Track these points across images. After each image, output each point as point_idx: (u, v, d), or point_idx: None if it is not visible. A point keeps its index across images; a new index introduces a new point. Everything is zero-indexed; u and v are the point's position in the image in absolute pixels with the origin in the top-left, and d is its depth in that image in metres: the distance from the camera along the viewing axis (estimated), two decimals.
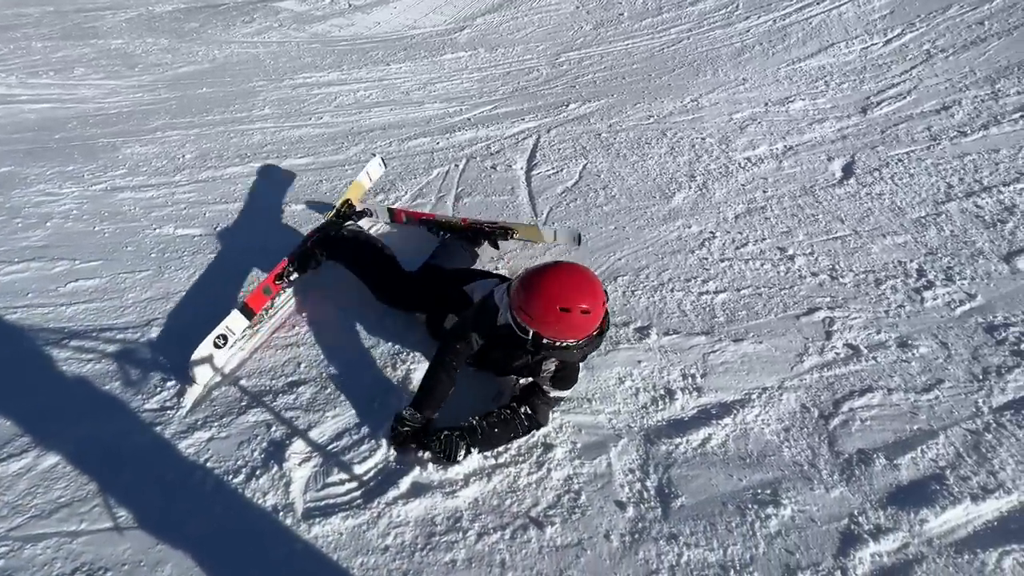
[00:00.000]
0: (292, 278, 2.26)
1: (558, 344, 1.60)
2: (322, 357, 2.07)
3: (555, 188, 3.21)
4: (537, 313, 1.57)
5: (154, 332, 2.18)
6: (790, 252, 2.58)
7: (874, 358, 2.00)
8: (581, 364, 1.85)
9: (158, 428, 1.77)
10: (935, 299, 2.26)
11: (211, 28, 6.85)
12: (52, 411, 1.83)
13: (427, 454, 1.66)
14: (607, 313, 1.81)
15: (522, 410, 1.73)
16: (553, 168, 3.42)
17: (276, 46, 6.24)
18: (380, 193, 3.21)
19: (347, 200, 2.63)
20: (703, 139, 3.65)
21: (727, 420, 1.79)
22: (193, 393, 1.89)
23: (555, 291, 1.56)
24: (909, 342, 2.06)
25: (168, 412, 1.82)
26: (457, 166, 3.48)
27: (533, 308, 1.57)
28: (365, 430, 1.77)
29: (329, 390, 1.92)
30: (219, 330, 1.96)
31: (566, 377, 1.78)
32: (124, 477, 1.62)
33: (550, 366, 1.75)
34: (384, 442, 1.72)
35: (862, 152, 3.37)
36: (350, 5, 7.56)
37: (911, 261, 2.48)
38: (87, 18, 7.32)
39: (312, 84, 5.01)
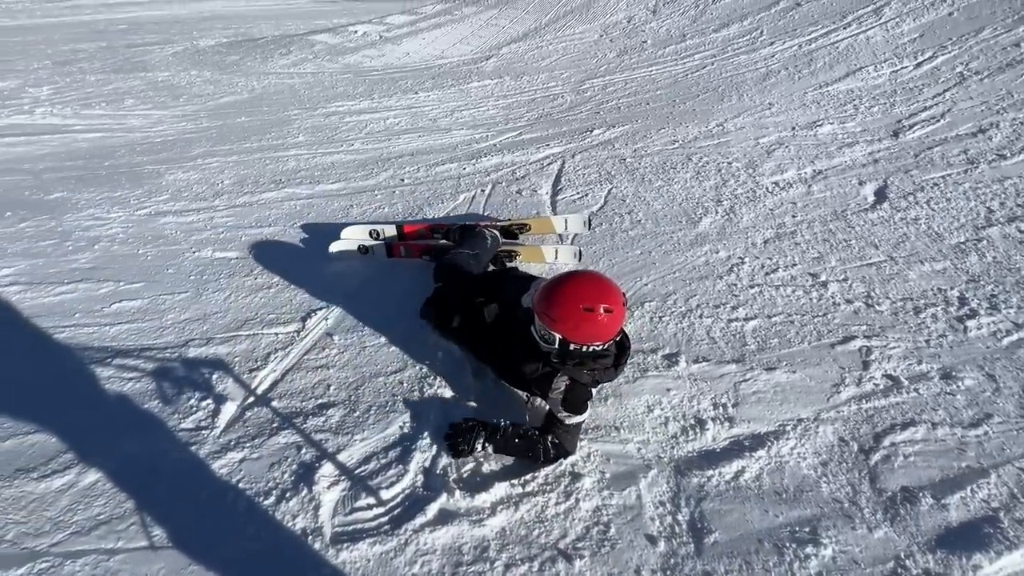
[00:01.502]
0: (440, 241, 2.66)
1: (584, 350, 1.65)
2: (351, 380, 2.10)
3: (580, 212, 3.23)
4: (561, 314, 1.63)
5: (191, 352, 2.24)
6: (823, 278, 2.53)
7: (916, 390, 1.93)
8: (595, 391, 1.81)
9: (193, 447, 1.81)
10: (979, 328, 2.17)
11: (251, 60, 7.22)
12: (95, 428, 1.89)
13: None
14: (627, 340, 1.86)
15: (548, 439, 1.72)
16: (578, 193, 3.45)
17: (311, 76, 6.53)
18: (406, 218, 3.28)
19: (525, 225, 2.72)
20: (729, 163, 3.64)
21: (761, 452, 1.73)
22: (228, 412, 1.94)
23: (578, 292, 1.65)
24: (953, 374, 1.98)
25: (203, 432, 1.87)
26: (483, 191, 3.54)
27: (557, 310, 1.64)
28: (392, 455, 1.78)
29: (358, 413, 1.95)
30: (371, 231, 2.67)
31: (575, 400, 1.71)
32: (160, 495, 1.65)
33: (560, 385, 1.72)
34: (411, 467, 1.72)
35: (895, 176, 3.30)
36: (381, 37, 7.88)
37: (952, 288, 2.40)
38: (137, 52, 7.81)
39: (344, 112, 5.20)
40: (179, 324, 2.42)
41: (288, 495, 1.64)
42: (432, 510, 1.58)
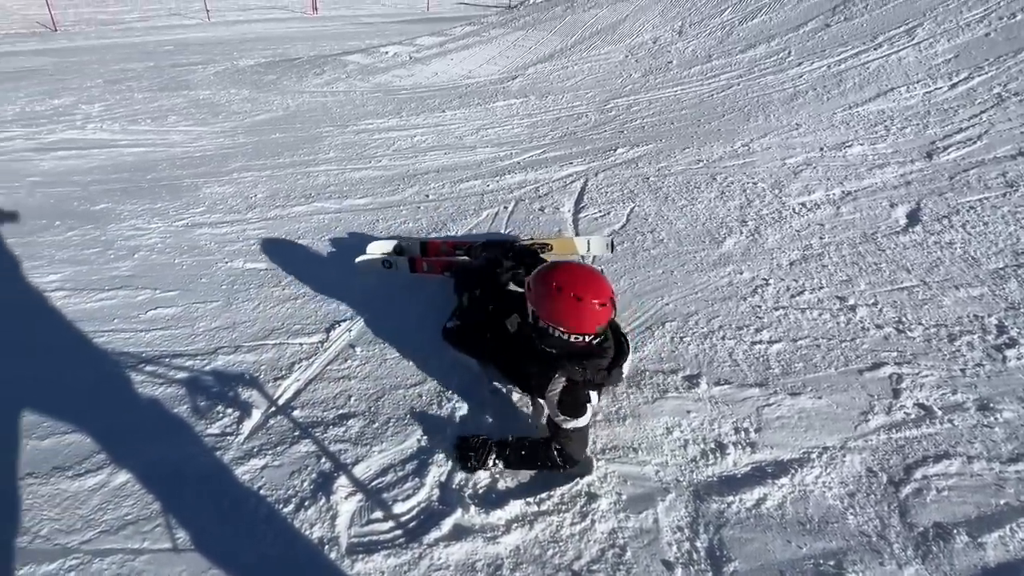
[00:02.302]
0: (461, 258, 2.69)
1: (568, 339, 1.70)
2: (371, 391, 2.13)
3: (602, 231, 3.24)
4: (544, 299, 1.72)
5: (219, 360, 2.32)
6: (851, 302, 2.47)
7: (950, 421, 1.85)
8: (595, 396, 1.77)
9: (218, 453, 1.86)
10: (1020, 359, 2.09)
11: (286, 80, 7.53)
12: (127, 431, 1.97)
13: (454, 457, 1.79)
14: (625, 344, 1.89)
15: (554, 444, 1.72)
16: (600, 211, 3.46)
17: (343, 95, 6.76)
18: (431, 235, 3.34)
19: (547, 244, 2.71)
20: (755, 184, 3.61)
21: (784, 480, 1.69)
22: (252, 419, 1.99)
23: (562, 279, 1.72)
24: (991, 405, 1.90)
25: (228, 438, 1.92)
26: (506, 208, 3.59)
27: (543, 298, 1.72)
28: (409, 467, 1.79)
29: (376, 425, 1.97)
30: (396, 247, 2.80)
31: (571, 402, 1.69)
32: (185, 499, 1.70)
33: (556, 386, 1.71)
34: (427, 480, 1.73)
35: (928, 199, 3.22)
36: (411, 57, 8.12)
37: (989, 316, 2.31)
38: (181, 72, 8.23)
39: (373, 130, 5.36)
40: (210, 332, 2.50)
41: (307, 503, 1.66)
42: (447, 525, 1.59)
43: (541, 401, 1.89)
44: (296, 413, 2.03)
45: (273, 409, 2.05)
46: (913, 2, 5.86)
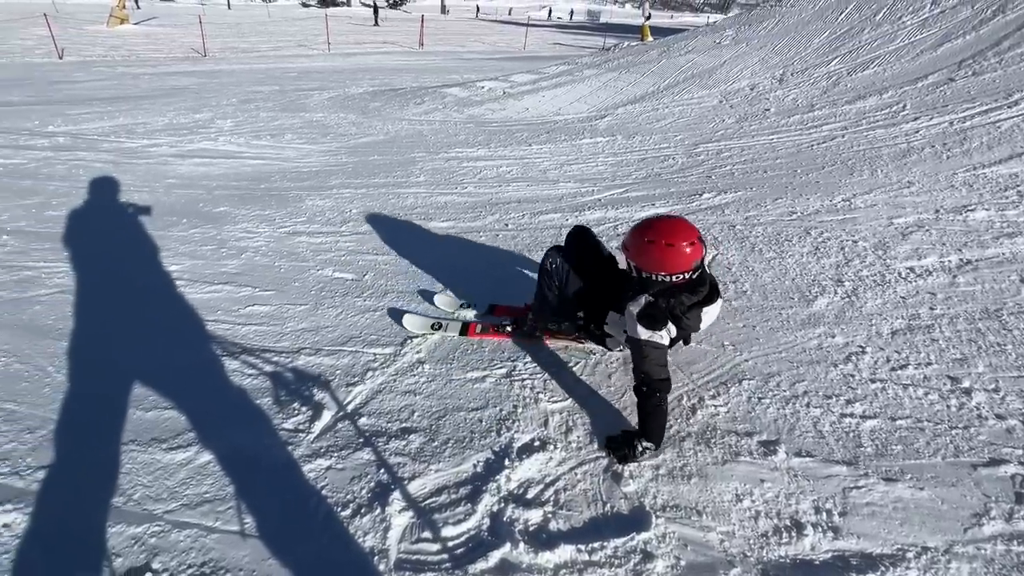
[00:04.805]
0: (508, 329, 2.62)
1: (661, 279, 1.92)
2: (434, 409, 2.18)
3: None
4: (644, 255, 1.93)
5: (301, 360, 2.48)
6: (965, 385, 2.19)
7: None
8: (672, 329, 1.94)
9: (290, 447, 1.97)
10: None
11: (389, 107, 8.15)
12: (214, 414, 2.15)
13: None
14: (716, 291, 2.05)
15: (642, 389, 1.91)
16: None
17: (438, 124, 7.19)
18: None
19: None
20: (855, 242, 3.35)
21: None
22: (323, 420, 2.10)
23: (652, 227, 1.95)
24: None
25: (300, 434, 2.04)
26: None
27: (641, 253, 1.94)
28: (463, 492, 1.80)
29: (436, 443, 2.01)
30: (437, 322, 2.71)
31: (651, 316, 1.90)
32: (256, 487, 1.82)
33: (641, 299, 1.93)
34: (479, 509, 1.72)
35: None
36: (505, 93, 8.51)
37: None
38: (300, 96, 9.18)
39: (462, 158, 5.63)
40: (296, 332, 2.70)
41: (363, 511, 1.71)
42: (494, 558, 1.56)
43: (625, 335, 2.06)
44: (362, 420, 2.12)
45: (342, 413, 2.15)
46: None
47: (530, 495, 1.79)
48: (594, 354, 2.48)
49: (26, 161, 5.40)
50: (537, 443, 1.99)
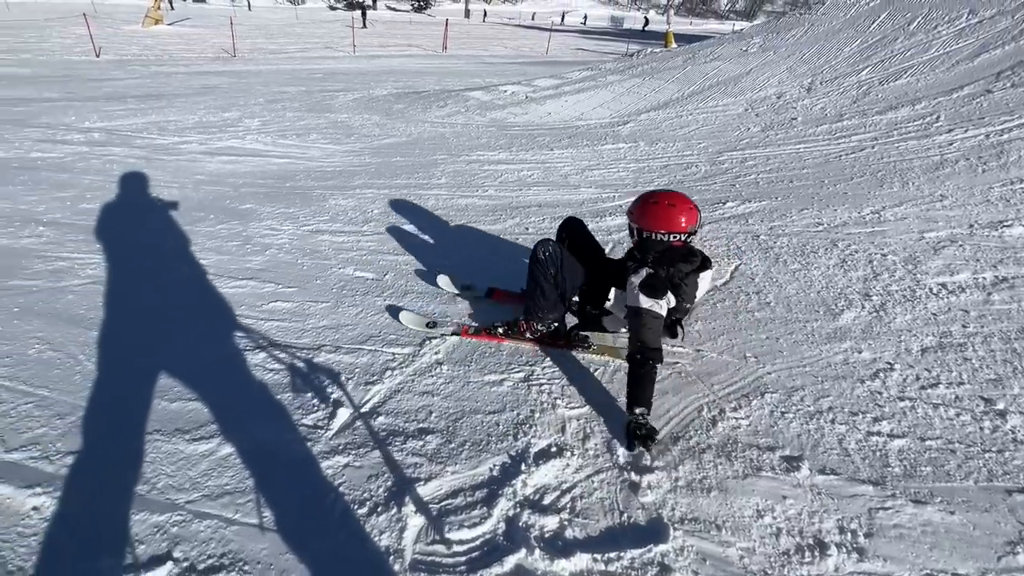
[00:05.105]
0: (500, 331, 2.62)
1: (656, 238, 2.23)
2: (452, 411, 2.18)
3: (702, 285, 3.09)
4: (638, 209, 2.29)
5: (321, 357, 2.51)
6: (1000, 406, 2.11)
7: None
8: (672, 299, 2.16)
9: (309, 443, 1.99)
10: None
11: (412, 110, 8.24)
12: (236, 407, 2.18)
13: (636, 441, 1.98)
14: (708, 262, 2.32)
15: (635, 356, 2.08)
16: None
17: (460, 127, 7.24)
18: None
19: (588, 342, 2.57)
20: (884, 255, 3.27)
21: None
22: (341, 417, 2.12)
23: (651, 193, 2.32)
24: None
25: (318, 431, 2.06)
26: (604, 248, 3.56)
27: (646, 213, 2.26)
28: (479, 495, 1.79)
29: (453, 444, 2.01)
30: (432, 320, 2.77)
31: (651, 285, 2.11)
32: (275, 481, 1.84)
33: (642, 272, 2.16)
34: (495, 513, 1.72)
35: None
36: (527, 97, 8.53)
37: None
38: (326, 97, 9.33)
39: (484, 161, 5.66)
40: (317, 329, 2.73)
41: (380, 510, 1.72)
42: (509, 563, 1.55)
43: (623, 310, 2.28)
44: (380, 419, 2.13)
45: (361, 411, 2.17)
46: None
47: (546, 501, 1.77)
48: (612, 360, 2.46)
49: (63, 155, 5.59)
50: (554, 449, 1.98)
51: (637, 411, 2.01)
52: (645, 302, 2.08)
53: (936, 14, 7.55)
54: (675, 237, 2.22)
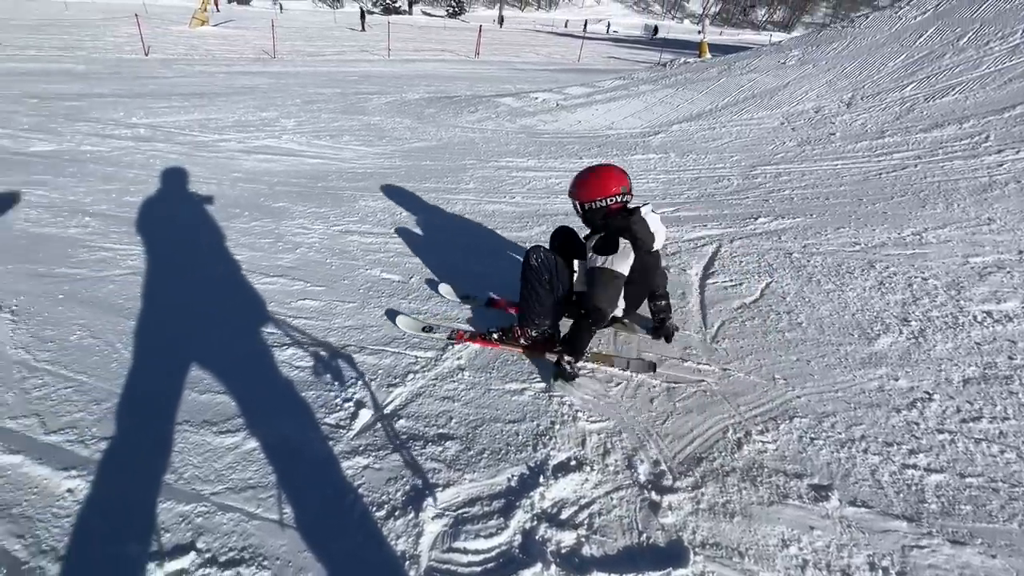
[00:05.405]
0: (495, 336, 2.65)
1: (595, 205, 2.46)
2: (472, 418, 2.18)
3: (731, 302, 3.03)
4: (584, 187, 2.50)
5: (345, 357, 2.54)
6: None
7: None
8: (597, 294, 2.32)
9: (331, 442, 2.02)
10: None
11: (444, 114, 8.33)
12: (262, 402, 2.23)
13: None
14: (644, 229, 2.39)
15: (579, 311, 2.44)
16: (731, 280, 3.25)
17: (490, 133, 7.28)
18: None
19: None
20: (925, 279, 3.14)
21: None
22: (363, 418, 2.14)
23: (588, 169, 2.56)
24: None
25: (340, 430, 2.08)
26: None
27: (582, 186, 2.51)
28: (496, 505, 1.78)
29: (472, 452, 2.00)
30: (430, 324, 2.81)
31: (605, 246, 2.34)
32: (297, 478, 1.87)
33: (594, 239, 2.43)
34: (512, 524, 1.70)
35: None
36: (558, 105, 8.53)
37: None
38: (360, 100, 9.51)
39: (512, 168, 5.67)
40: (343, 329, 2.77)
41: (397, 514, 1.73)
42: None
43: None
44: (401, 422, 2.14)
45: (382, 413, 2.19)
46: None
47: (564, 516, 1.75)
48: (635, 375, 2.43)
49: (110, 150, 5.84)
50: (573, 463, 1.96)
51: (567, 359, 2.35)
52: (599, 260, 2.31)
53: (988, 29, 7.26)
54: (612, 200, 2.43)
